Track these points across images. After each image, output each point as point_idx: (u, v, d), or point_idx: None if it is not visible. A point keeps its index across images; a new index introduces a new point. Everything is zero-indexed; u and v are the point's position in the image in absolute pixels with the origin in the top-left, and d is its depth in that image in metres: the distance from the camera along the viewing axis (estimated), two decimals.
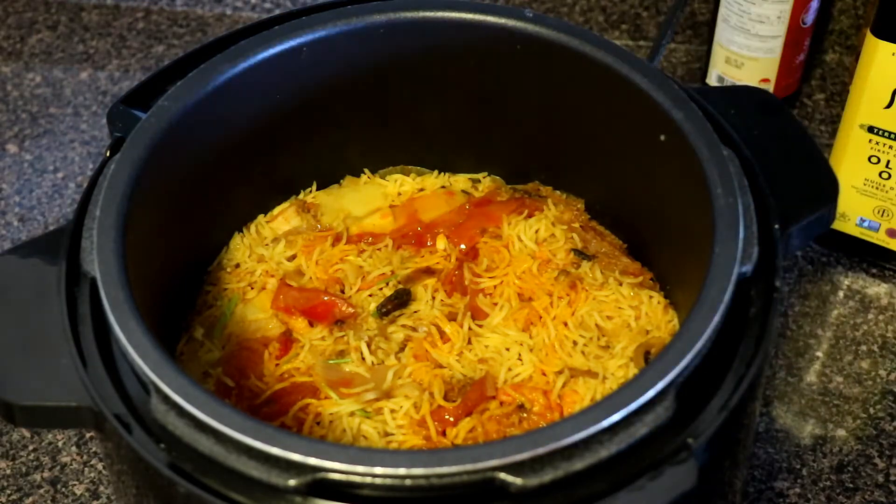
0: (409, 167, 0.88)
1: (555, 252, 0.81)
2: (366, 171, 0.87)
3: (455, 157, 0.87)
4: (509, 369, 0.74)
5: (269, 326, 0.77)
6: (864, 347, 0.90)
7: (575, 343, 0.75)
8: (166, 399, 0.59)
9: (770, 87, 1.07)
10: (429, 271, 0.80)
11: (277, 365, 0.75)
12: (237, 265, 0.82)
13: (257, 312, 0.78)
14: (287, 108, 0.80)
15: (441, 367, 0.74)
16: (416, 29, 0.78)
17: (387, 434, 0.71)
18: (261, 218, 0.84)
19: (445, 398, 0.72)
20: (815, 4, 1.03)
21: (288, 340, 0.76)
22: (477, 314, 0.77)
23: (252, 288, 0.80)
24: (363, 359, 0.75)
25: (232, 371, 0.74)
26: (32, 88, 1.15)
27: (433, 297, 0.78)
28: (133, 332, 0.62)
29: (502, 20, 0.77)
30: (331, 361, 0.74)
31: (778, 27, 1.02)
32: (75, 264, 0.67)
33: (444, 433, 0.71)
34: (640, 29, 1.21)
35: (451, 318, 0.77)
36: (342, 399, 0.72)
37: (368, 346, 0.75)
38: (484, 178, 0.87)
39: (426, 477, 0.56)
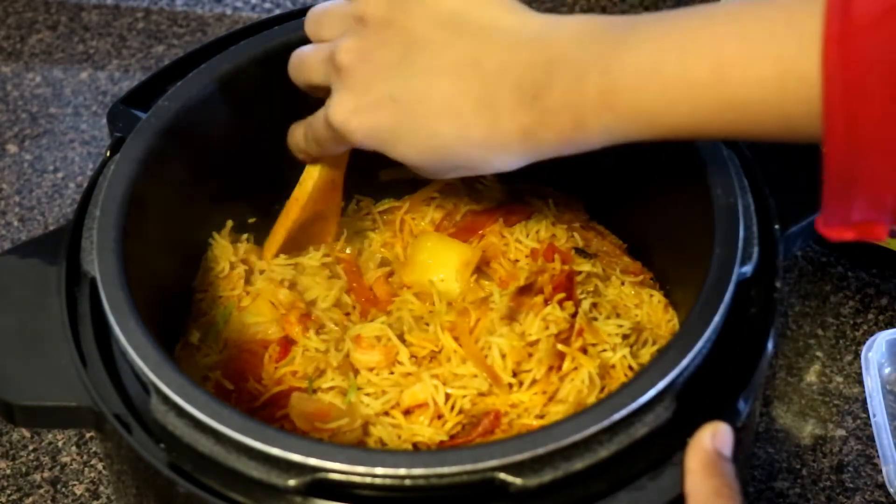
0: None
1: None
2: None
3: None
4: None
5: (269, 331, 0.76)
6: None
7: None
8: (166, 399, 0.59)
9: None
10: None
11: (276, 368, 0.75)
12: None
13: (256, 316, 0.78)
14: (287, 109, 0.80)
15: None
16: None
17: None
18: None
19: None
20: None
21: (287, 343, 0.76)
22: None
23: (248, 294, 0.79)
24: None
25: (231, 374, 0.74)
26: (32, 88, 1.15)
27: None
28: (133, 333, 0.62)
29: None
30: (306, 391, 0.72)
31: None
32: (75, 264, 0.67)
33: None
34: None
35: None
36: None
37: None
38: (482, 178, 0.87)
39: (426, 477, 0.56)
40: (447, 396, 0.70)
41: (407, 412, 0.70)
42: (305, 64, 0.69)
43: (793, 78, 0.52)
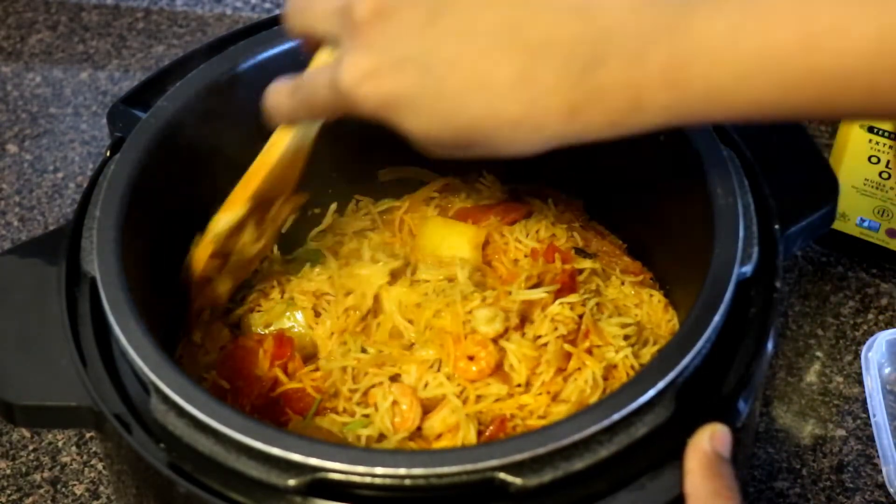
0: (408, 167, 0.87)
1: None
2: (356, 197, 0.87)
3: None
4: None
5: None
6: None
7: None
8: (166, 399, 0.59)
9: None
10: None
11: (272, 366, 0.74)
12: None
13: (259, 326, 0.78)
14: None
15: None
16: None
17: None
18: None
19: None
20: None
21: (282, 339, 0.75)
22: None
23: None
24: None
25: (226, 372, 0.73)
26: (32, 88, 1.15)
27: None
28: (133, 333, 0.62)
29: None
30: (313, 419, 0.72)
31: None
32: (75, 264, 0.67)
33: None
34: None
35: None
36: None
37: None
38: (482, 177, 0.87)
39: (426, 477, 0.56)
40: (467, 406, 0.70)
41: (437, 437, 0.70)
42: (311, 10, 0.61)
43: (891, 48, 0.48)
